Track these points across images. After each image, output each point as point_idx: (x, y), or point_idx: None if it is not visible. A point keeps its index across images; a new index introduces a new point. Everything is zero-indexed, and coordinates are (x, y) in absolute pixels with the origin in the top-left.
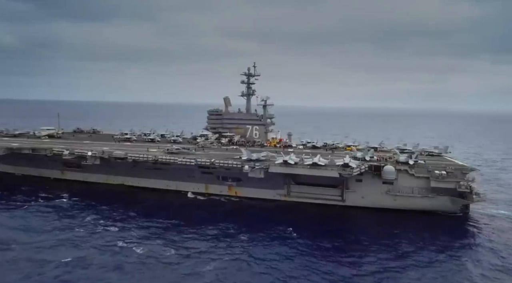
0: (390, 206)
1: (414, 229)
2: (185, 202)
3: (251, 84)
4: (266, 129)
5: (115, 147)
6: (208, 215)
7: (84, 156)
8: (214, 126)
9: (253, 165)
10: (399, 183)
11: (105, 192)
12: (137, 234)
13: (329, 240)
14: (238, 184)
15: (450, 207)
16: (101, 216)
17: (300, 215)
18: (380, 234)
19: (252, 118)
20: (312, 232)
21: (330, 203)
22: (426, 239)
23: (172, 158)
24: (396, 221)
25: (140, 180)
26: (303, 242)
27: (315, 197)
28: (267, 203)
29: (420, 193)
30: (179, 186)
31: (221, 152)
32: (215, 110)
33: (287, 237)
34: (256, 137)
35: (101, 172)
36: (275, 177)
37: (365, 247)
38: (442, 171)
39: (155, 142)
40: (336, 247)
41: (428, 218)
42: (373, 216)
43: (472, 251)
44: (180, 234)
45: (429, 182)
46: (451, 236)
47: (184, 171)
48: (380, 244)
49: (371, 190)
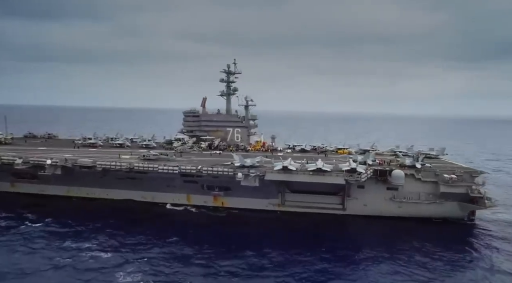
0: (394, 214)
1: (423, 239)
2: (164, 214)
3: (231, 82)
4: (249, 132)
5: (79, 154)
6: (190, 230)
7: (41, 165)
8: (191, 129)
9: (247, 172)
10: (405, 189)
11: (66, 207)
12: (108, 258)
13: (332, 258)
14: (226, 194)
15: (459, 213)
16: (62, 236)
17: (296, 226)
18: (387, 247)
19: (233, 120)
20: (311, 249)
21: (330, 212)
22: (436, 251)
23: (150, 166)
24: (402, 230)
25: (110, 191)
26: (303, 259)
27: (313, 206)
28: (258, 214)
29: (427, 199)
30: (156, 197)
31: (204, 157)
32: (191, 111)
33: (283, 258)
34: (238, 141)
35: (62, 183)
36: (268, 185)
37: (370, 263)
38: (452, 175)
39: (124, 147)
40: (340, 265)
41: (434, 226)
42: (378, 226)
43: (486, 263)
44: (158, 256)
45: (436, 187)
46: (467, 246)
47: (163, 180)
48: (390, 261)
49: (374, 196)
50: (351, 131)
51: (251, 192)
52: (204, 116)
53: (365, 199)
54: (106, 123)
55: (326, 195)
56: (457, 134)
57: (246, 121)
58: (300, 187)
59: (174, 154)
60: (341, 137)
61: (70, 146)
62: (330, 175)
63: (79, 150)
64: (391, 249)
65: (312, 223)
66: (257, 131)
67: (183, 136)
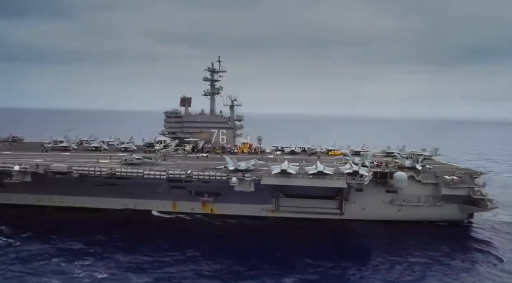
0: (393, 218)
1: (424, 243)
2: (149, 222)
3: (216, 81)
4: (235, 133)
5: (51, 159)
6: (174, 241)
7: (8, 171)
8: (173, 131)
9: (242, 176)
10: (404, 191)
11: (38, 217)
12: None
13: (335, 266)
14: (216, 199)
15: (459, 216)
16: (35, 250)
17: (292, 234)
18: (389, 252)
19: (218, 120)
20: (309, 258)
21: (327, 217)
22: (438, 255)
23: (134, 171)
24: (402, 233)
25: (86, 199)
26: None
27: (309, 211)
28: (251, 221)
29: (427, 202)
30: (138, 205)
31: (191, 161)
32: (173, 111)
33: (280, 268)
34: (223, 143)
35: (31, 192)
36: (261, 190)
37: (375, 272)
38: (453, 176)
39: (101, 151)
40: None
41: (434, 228)
42: (378, 230)
43: (487, 265)
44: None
45: (436, 189)
46: (469, 248)
47: (147, 185)
48: (396, 268)
49: (373, 200)
50: (316, 132)
51: (243, 198)
52: (187, 117)
53: (363, 202)
54: (76, 125)
55: (323, 199)
56: (409, 135)
57: (232, 122)
58: (295, 191)
59: (157, 157)
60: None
61: (38, 149)
62: (331, 178)
63: (49, 154)
64: (394, 255)
65: (310, 229)
66: (243, 133)
67: (164, 138)
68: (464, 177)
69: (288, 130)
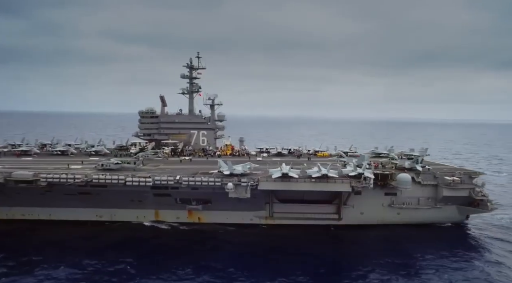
0: (392, 222)
1: (427, 246)
2: (127, 234)
3: (195, 79)
4: (216, 134)
5: (10, 165)
6: (155, 254)
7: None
8: (149, 132)
9: (237, 181)
10: (403, 194)
11: None
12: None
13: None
14: (205, 207)
15: (457, 218)
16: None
17: (289, 243)
18: (388, 257)
19: (198, 121)
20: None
21: (324, 223)
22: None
23: (114, 177)
24: (401, 237)
25: (54, 210)
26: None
27: (306, 217)
28: (242, 230)
29: (426, 204)
30: (116, 215)
31: (174, 165)
32: (149, 111)
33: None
34: (204, 145)
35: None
36: (255, 195)
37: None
38: (454, 177)
39: (69, 155)
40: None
41: (432, 230)
42: (376, 235)
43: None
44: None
45: (436, 191)
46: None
47: (127, 194)
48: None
49: (372, 203)
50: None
51: (234, 204)
52: (164, 117)
53: (362, 206)
54: (23, 129)
55: (320, 204)
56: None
57: (212, 122)
58: (290, 196)
59: (135, 162)
60: (281, 140)
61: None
62: (334, 181)
63: (7, 159)
64: (394, 259)
65: (306, 237)
66: (225, 134)
67: (139, 140)
68: (463, 178)
69: (257, 133)
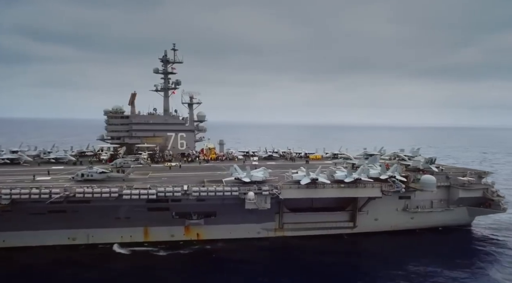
0: (406, 227)
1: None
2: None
3: (170, 74)
4: (195, 137)
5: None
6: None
7: None
8: (118, 135)
9: (257, 189)
10: (416, 197)
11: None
12: None
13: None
14: (207, 221)
15: (467, 219)
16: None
17: (301, 256)
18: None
19: (174, 122)
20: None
21: (337, 232)
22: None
23: (105, 190)
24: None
25: (10, 235)
26: None
27: (319, 226)
28: (249, 244)
29: (439, 206)
30: (95, 236)
31: (164, 173)
32: (117, 111)
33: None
34: (183, 148)
35: None
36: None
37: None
38: (469, 178)
39: (20, 164)
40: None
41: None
42: (397, 244)
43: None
44: None
45: (448, 192)
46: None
47: (112, 209)
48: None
49: (386, 208)
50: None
51: (241, 216)
52: (135, 117)
53: (376, 212)
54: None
55: (331, 211)
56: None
57: (191, 123)
58: (298, 204)
59: (123, 170)
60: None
61: None
62: (364, 186)
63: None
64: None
65: (320, 249)
66: (205, 136)
67: (105, 144)
68: (474, 178)
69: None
